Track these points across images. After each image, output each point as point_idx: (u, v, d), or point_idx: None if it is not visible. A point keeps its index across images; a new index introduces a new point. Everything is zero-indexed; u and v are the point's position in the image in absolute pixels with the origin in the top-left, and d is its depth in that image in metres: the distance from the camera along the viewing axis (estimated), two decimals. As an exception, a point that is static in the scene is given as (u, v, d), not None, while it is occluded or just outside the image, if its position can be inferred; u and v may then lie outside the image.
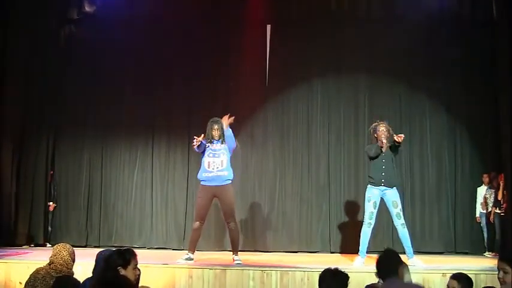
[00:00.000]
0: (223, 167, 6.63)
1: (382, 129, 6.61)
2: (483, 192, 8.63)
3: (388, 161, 6.60)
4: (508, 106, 7.96)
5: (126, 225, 9.19)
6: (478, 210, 8.68)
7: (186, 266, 6.24)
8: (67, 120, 9.44)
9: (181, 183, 9.16)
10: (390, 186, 6.57)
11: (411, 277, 3.95)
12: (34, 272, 4.27)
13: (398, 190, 6.69)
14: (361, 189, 8.83)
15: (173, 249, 8.83)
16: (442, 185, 8.88)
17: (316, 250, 8.77)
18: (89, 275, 4.07)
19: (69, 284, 3.82)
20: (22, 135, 8.99)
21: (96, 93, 9.41)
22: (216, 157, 6.65)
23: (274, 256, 8.04)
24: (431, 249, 8.52)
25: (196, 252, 6.82)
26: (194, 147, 6.72)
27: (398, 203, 6.58)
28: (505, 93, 8.11)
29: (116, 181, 9.33)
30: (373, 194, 6.59)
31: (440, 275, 5.72)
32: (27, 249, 8.21)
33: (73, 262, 4.35)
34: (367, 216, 6.62)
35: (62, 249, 4.32)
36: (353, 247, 8.57)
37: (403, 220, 6.58)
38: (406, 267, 3.91)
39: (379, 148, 6.57)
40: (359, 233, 8.66)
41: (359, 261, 6.55)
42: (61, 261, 4.24)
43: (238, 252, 6.71)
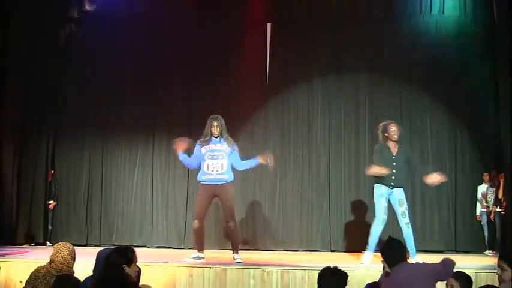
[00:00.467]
0: (223, 170, 6.55)
1: (394, 129, 6.57)
2: (484, 190, 8.64)
3: (399, 163, 6.53)
4: (508, 105, 7.96)
5: (127, 224, 9.20)
6: (479, 209, 8.69)
7: (186, 264, 6.24)
8: (67, 119, 9.44)
9: (182, 182, 9.16)
10: (399, 187, 6.54)
11: None
12: (34, 270, 4.27)
13: (404, 189, 6.66)
14: (361, 187, 8.87)
15: (174, 248, 8.85)
16: (443, 183, 8.85)
17: (317, 249, 8.77)
18: (90, 273, 4.08)
19: (70, 282, 3.82)
20: (23, 135, 9.00)
21: (96, 93, 9.41)
22: (215, 159, 6.55)
23: (275, 255, 8.05)
24: (432, 247, 8.52)
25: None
26: (177, 152, 6.65)
27: (404, 201, 6.54)
28: (505, 92, 8.12)
29: (117, 180, 9.34)
30: (382, 191, 6.53)
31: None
32: (28, 248, 8.22)
33: (73, 261, 4.35)
34: (381, 212, 6.50)
35: (62, 248, 4.32)
36: (354, 245, 8.62)
37: (408, 219, 6.54)
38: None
39: (388, 150, 6.52)
40: (359, 232, 8.71)
41: (368, 256, 6.51)
42: (61, 260, 4.24)
43: (238, 251, 6.70)
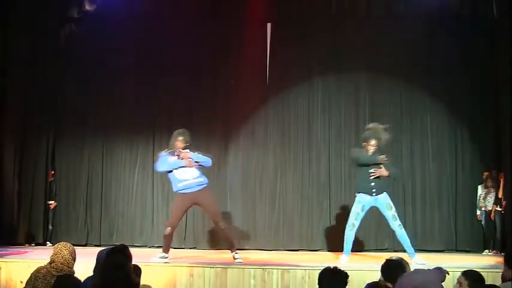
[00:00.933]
0: (198, 174, 6.59)
1: (372, 143, 6.61)
2: (480, 192, 8.63)
3: (376, 168, 6.57)
4: (508, 104, 7.96)
5: (127, 224, 9.20)
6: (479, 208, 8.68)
7: (186, 264, 6.24)
8: (68, 119, 9.44)
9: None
10: (381, 192, 6.57)
11: None
12: (35, 271, 4.27)
13: (388, 193, 6.66)
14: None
15: (174, 248, 8.83)
16: (443, 182, 8.88)
17: (317, 248, 8.77)
18: (90, 273, 4.07)
19: (70, 283, 3.82)
20: (23, 135, 8.99)
21: (96, 93, 9.40)
22: (185, 167, 6.57)
23: (275, 254, 8.05)
24: (432, 247, 8.52)
25: (198, 251, 6.85)
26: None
27: (391, 205, 6.58)
28: (505, 91, 8.12)
29: (117, 180, 9.34)
30: (364, 199, 6.59)
31: (441, 273, 5.70)
32: (28, 248, 8.22)
33: (74, 261, 4.34)
34: (352, 217, 6.59)
35: (62, 248, 4.32)
36: (354, 245, 8.60)
37: (399, 221, 6.59)
38: (408, 265, 3.91)
39: (371, 157, 6.56)
40: (360, 231, 8.70)
41: (344, 258, 6.56)
42: (62, 260, 4.24)
43: (237, 250, 6.69)
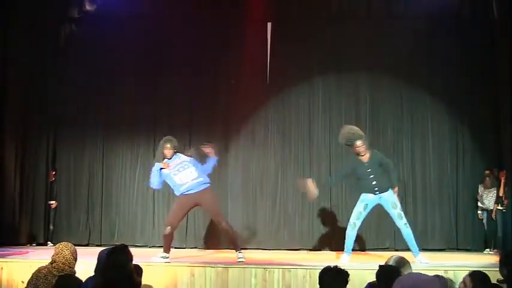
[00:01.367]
0: (197, 175, 6.54)
1: (358, 145, 6.51)
2: (480, 191, 8.63)
3: (374, 168, 6.53)
4: (508, 103, 7.97)
5: (128, 224, 9.20)
6: (480, 207, 8.68)
7: (188, 264, 6.24)
8: (68, 119, 9.43)
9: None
10: (385, 191, 6.53)
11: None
12: (36, 271, 4.27)
13: (392, 191, 6.62)
14: (362, 186, 8.87)
15: (175, 248, 8.83)
16: (444, 181, 8.89)
17: (318, 248, 8.77)
18: (91, 273, 4.07)
19: (71, 283, 3.82)
20: (24, 135, 8.98)
21: (96, 92, 9.40)
22: (182, 171, 6.55)
23: (276, 254, 8.04)
24: (433, 246, 8.53)
25: (199, 250, 6.83)
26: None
27: (397, 203, 6.54)
28: (505, 90, 8.13)
29: (118, 180, 9.34)
30: (367, 198, 6.55)
31: (442, 272, 5.70)
32: (29, 248, 8.22)
33: (75, 261, 4.34)
34: (354, 216, 6.57)
35: (63, 248, 4.32)
36: (355, 244, 8.61)
37: (405, 220, 6.55)
38: (408, 264, 3.90)
39: (360, 162, 6.53)
40: (360, 231, 8.69)
41: (345, 258, 6.55)
42: (63, 260, 4.24)
43: (240, 249, 6.66)
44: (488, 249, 8.34)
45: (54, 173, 9.26)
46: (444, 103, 8.99)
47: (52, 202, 9.14)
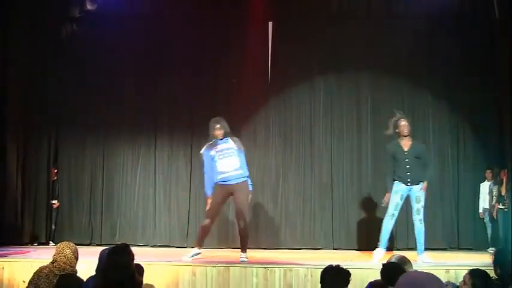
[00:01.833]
0: (238, 166, 6.51)
1: (403, 124, 6.58)
2: (486, 188, 8.62)
3: (412, 158, 6.53)
4: (509, 103, 7.97)
5: (129, 223, 9.20)
6: (481, 206, 8.67)
7: (189, 263, 6.24)
8: (69, 119, 9.43)
9: (184, 181, 9.17)
10: (417, 183, 6.53)
11: None
12: (37, 270, 4.27)
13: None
14: (363, 185, 8.89)
15: (176, 247, 8.85)
16: (445, 181, 8.87)
17: (319, 247, 8.77)
18: (92, 273, 4.08)
19: (73, 282, 3.83)
20: (25, 135, 8.99)
21: (97, 92, 9.39)
22: (227, 157, 6.53)
23: (278, 253, 8.05)
24: (435, 245, 8.49)
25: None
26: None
27: (422, 198, 6.55)
28: (505, 90, 8.13)
29: (119, 179, 9.34)
30: (400, 188, 6.53)
31: (444, 271, 5.71)
32: (31, 248, 8.23)
33: (76, 260, 4.35)
34: (392, 207, 6.52)
35: (65, 247, 4.33)
36: (356, 244, 8.62)
37: (421, 216, 6.56)
38: (409, 262, 3.91)
39: (400, 147, 6.52)
40: (361, 230, 8.73)
41: (380, 253, 6.51)
42: (64, 260, 4.24)
43: (246, 250, 6.63)
44: (493, 248, 8.31)
45: (56, 171, 9.26)
46: (445, 103, 8.98)
47: (54, 202, 9.14)
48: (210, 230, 6.82)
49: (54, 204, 9.14)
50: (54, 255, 4.30)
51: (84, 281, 3.91)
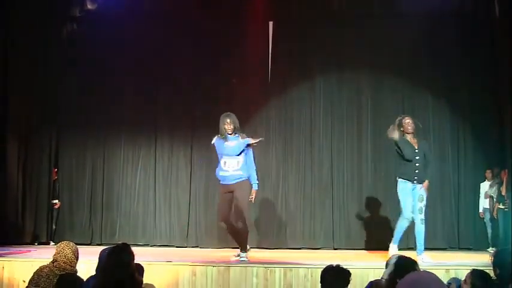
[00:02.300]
0: (239, 166, 6.48)
1: (407, 121, 6.56)
2: (486, 187, 8.62)
3: (422, 158, 6.52)
4: (509, 103, 7.97)
5: (130, 223, 9.20)
6: (482, 206, 8.68)
7: (189, 263, 6.24)
8: (69, 119, 9.43)
9: (184, 181, 9.17)
10: (421, 182, 6.53)
11: None
12: (37, 270, 4.27)
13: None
14: (364, 185, 8.88)
15: (176, 247, 8.85)
16: (446, 180, 8.88)
17: (320, 247, 8.78)
18: (92, 273, 4.08)
19: (73, 282, 3.82)
20: (26, 135, 9.00)
21: (98, 92, 9.40)
22: (231, 156, 6.50)
23: (278, 253, 8.05)
24: (435, 245, 8.50)
25: (200, 249, 6.82)
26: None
27: (424, 198, 6.53)
28: (505, 90, 8.13)
29: (119, 179, 9.34)
30: (406, 186, 6.50)
31: (444, 271, 5.71)
32: (31, 248, 8.22)
33: (76, 260, 4.35)
34: (408, 209, 6.46)
35: (65, 247, 4.33)
36: (356, 243, 8.63)
37: (423, 216, 6.53)
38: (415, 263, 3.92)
39: (411, 146, 6.50)
40: (362, 230, 8.74)
41: (394, 249, 6.52)
42: (64, 259, 4.24)
43: (245, 249, 6.59)
44: (493, 248, 8.31)
45: (56, 170, 9.27)
46: (445, 102, 8.99)
47: (55, 202, 9.15)
48: (237, 229, 6.61)
49: (55, 204, 9.14)
50: (55, 255, 4.30)
51: (85, 280, 3.91)
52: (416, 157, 6.49)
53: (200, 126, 8.97)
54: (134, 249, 3.36)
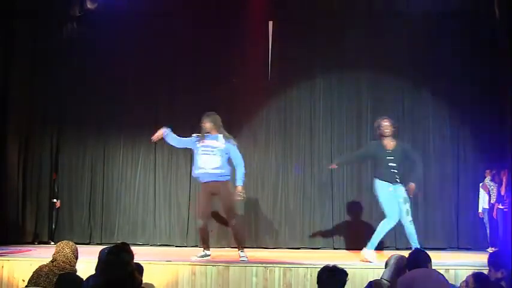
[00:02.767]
0: (218, 165, 6.45)
1: (385, 124, 6.56)
2: (487, 187, 8.62)
3: (397, 158, 6.49)
4: (509, 103, 7.97)
5: (129, 223, 9.20)
6: (481, 206, 8.67)
7: (189, 263, 6.24)
8: (70, 119, 9.44)
9: (184, 180, 9.17)
10: (401, 183, 6.50)
11: None
12: (37, 269, 4.27)
13: (404, 186, 6.57)
14: (363, 185, 8.87)
15: (176, 246, 8.86)
16: (445, 180, 8.88)
17: (319, 246, 8.78)
18: (92, 272, 4.09)
19: (72, 281, 3.82)
20: (27, 135, 9.01)
21: (98, 92, 9.40)
22: (208, 155, 6.48)
23: (277, 253, 8.05)
24: (434, 245, 8.51)
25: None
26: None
27: (408, 199, 6.51)
28: (505, 90, 8.13)
29: (119, 179, 9.34)
30: (387, 188, 6.48)
31: (444, 271, 5.71)
32: (31, 247, 8.23)
33: (76, 259, 4.35)
34: (395, 213, 6.43)
35: (64, 246, 4.33)
36: (356, 243, 8.60)
37: (411, 217, 6.52)
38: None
39: (383, 147, 6.51)
40: (362, 230, 8.73)
41: (372, 254, 6.52)
42: (64, 259, 4.24)
43: (243, 249, 6.62)
44: (492, 248, 8.31)
45: (55, 173, 9.28)
46: (445, 102, 8.98)
47: (55, 201, 9.15)
48: (208, 230, 6.73)
49: (56, 203, 9.14)
50: (54, 254, 4.31)
51: (84, 280, 3.91)
52: (388, 157, 6.47)
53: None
54: (134, 248, 3.36)
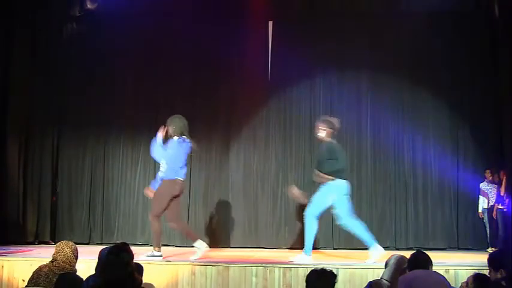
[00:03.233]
0: (164, 169, 6.62)
1: (317, 123, 6.71)
2: (485, 187, 8.63)
3: (318, 154, 6.75)
4: (509, 103, 7.97)
5: (129, 223, 9.19)
6: (481, 206, 8.68)
7: (188, 263, 6.25)
8: (70, 119, 9.43)
9: (184, 180, 9.15)
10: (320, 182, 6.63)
11: None
12: (37, 269, 4.28)
13: None
14: (363, 185, 8.88)
15: (176, 246, 8.85)
16: (445, 180, 8.88)
17: (319, 246, 8.77)
18: (92, 272, 4.09)
19: (72, 281, 3.82)
20: (27, 136, 9.01)
21: (98, 91, 9.39)
22: (161, 159, 6.67)
23: (277, 253, 8.05)
24: (434, 245, 8.52)
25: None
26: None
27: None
28: (505, 90, 8.13)
29: (119, 178, 9.34)
30: (346, 188, 6.65)
31: (443, 271, 5.71)
32: (30, 247, 8.23)
33: (76, 259, 4.36)
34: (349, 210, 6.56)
35: (64, 246, 4.33)
36: (356, 243, 8.60)
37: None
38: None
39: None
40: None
41: (309, 260, 6.55)
42: (64, 259, 4.25)
43: (157, 248, 6.57)
44: (492, 248, 8.31)
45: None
46: (445, 102, 8.98)
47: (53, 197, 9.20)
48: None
49: (53, 197, 9.18)
50: (54, 254, 4.31)
51: (84, 280, 3.91)
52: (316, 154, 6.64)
53: (200, 126, 8.96)
54: (133, 248, 3.36)
